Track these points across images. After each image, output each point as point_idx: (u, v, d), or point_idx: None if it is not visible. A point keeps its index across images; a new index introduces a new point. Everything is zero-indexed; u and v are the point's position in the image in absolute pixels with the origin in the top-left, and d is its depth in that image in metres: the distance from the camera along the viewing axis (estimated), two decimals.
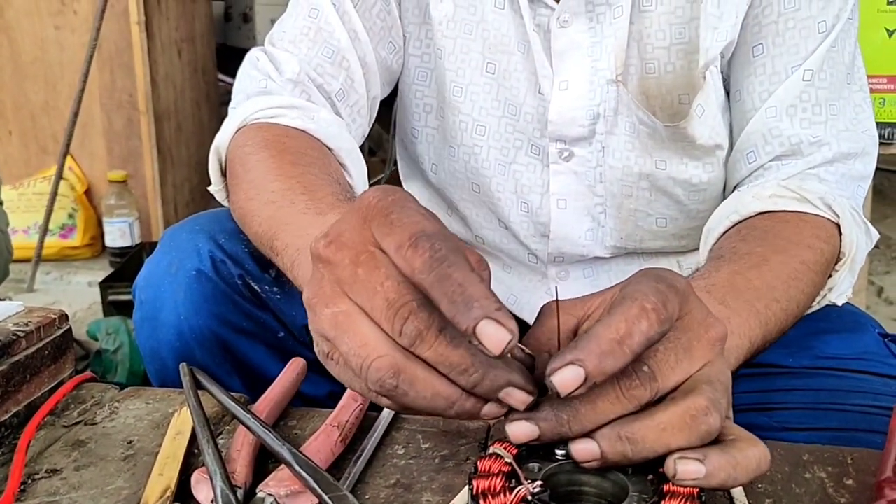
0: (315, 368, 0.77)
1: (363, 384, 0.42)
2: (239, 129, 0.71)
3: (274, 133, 0.69)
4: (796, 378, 0.72)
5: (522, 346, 0.45)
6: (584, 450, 0.41)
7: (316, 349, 0.45)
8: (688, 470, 0.40)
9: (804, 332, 0.73)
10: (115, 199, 2.35)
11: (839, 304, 0.69)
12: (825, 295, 0.67)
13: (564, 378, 0.39)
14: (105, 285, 2.05)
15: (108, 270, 2.26)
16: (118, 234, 2.35)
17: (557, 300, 0.44)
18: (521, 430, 0.42)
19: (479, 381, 0.41)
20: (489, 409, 0.43)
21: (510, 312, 0.39)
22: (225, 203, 0.76)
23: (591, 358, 0.39)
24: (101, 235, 2.42)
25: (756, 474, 0.42)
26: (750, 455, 0.42)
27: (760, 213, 0.68)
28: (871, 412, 0.67)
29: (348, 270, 0.42)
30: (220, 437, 0.57)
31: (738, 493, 0.49)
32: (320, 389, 0.72)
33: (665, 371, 0.42)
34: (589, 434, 0.41)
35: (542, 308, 0.47)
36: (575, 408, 0.41)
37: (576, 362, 0.39)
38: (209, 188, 0.77)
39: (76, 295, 2.25)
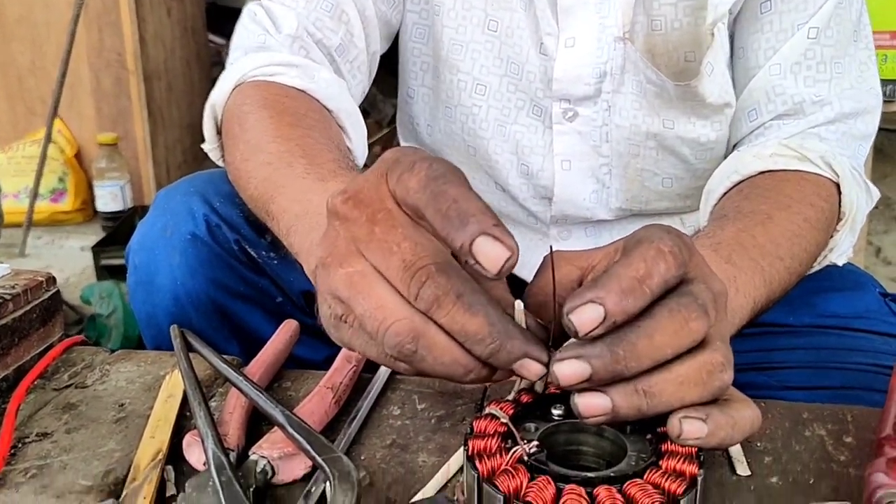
0: (311, 332, 0.76)
1: (379, 348, 0.41)
2: (236, 87, 0.69)
3: (273, 92, 0.67)
4: (797, 337, 0.72)
5: (538, 320, 0.43)
6: (594, 404, 0.39)
7: (326, 312, 0.43)
8: (692, 429, 0.40)
9: (805, 291, 0.73)
10: (105, 162, 2.32)
11: (839, 263, 0.68)
12: (826, 255, 0.67)
13: (583, 317, 0.37)
14: (97, 249, 2.04)
15: (101, 234, 2.24)
16: (109, 197, 2.32)
17: (552, 255, 0.43)
18: (571, 371, 0.38)
19: (495, 351, 0.39)
20: (502, 374, 0.41)
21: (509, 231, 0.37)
22: (219, 163, 0.74)
23: (612, 296, 0.37)
24: (93, 199, 2.40)
25: (749, 434, 0.41)
26: (745, 415, 0.41)
27: (761, 173, 0.67)
28: (871, 370, 0.67)
29: (365, 228, 0.40)
30: (213, 399, 0.57)
31: (736, 451, 0.49)
32: (318, 354, 0.71)
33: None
34: (599, 388, 0.39)
35: (544, 259, 0.46)
36: (632, 342, 0.37)
37: (596, 300, 0.37)
38: (203, 146, 0.75)
39: (68, 259, 2.23)
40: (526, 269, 0.82)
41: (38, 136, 2.28)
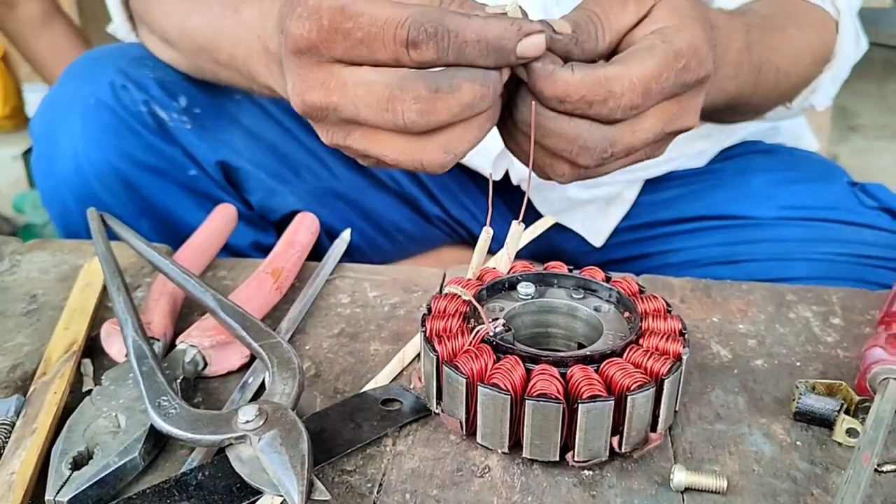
0: (238, 216, 0.69)
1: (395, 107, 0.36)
2: None
3: None
4: (761, 229, 0.68)
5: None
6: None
7: (331, 140, 0.39)
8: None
9: (769, 182, 0.69)
10: None
11: (819, 108, 0.65)
12: (807, 97, 0.63)
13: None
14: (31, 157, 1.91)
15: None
16: (39, 102, 2.17)
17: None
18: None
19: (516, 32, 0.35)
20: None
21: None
22: (128, 38, 0.68)
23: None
24: (23, 105, 2.24)
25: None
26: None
27: None
28: (838, 261, 0.64)
29: (353, 38, 0.35)
30: (140, 289, 0.50)
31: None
32: (242, 239, 0.65)
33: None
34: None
35: None
36: None
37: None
38: (107, 29, 0.70)
39: (0, 170, 2.10)
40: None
41: None
